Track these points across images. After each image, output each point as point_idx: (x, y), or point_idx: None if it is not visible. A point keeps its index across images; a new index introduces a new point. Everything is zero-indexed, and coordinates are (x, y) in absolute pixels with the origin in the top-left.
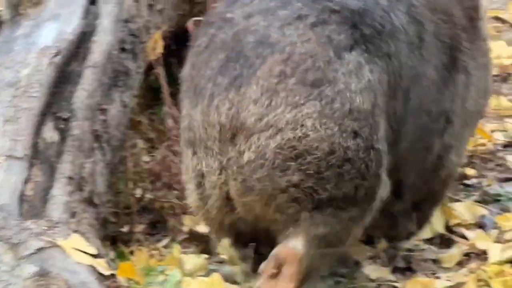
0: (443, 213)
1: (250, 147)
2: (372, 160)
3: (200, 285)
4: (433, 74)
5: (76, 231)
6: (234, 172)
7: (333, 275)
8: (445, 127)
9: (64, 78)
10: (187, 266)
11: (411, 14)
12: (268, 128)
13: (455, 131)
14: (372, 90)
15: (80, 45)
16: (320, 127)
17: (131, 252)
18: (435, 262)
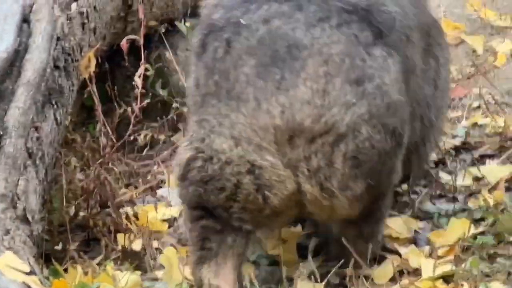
0: None
1: (317, 154)
2: (400, 154)
3: None
4: (420, 63)
5: (9, 249)
6: (306, 176)
7: None
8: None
9: None
10: (121, 283)
11: (400, 5)
12: (328, 131)
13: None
14: (398, 81)
15: (13, 63)
16: (371, 131)
17: (65, 270)
18: (368, 278)
